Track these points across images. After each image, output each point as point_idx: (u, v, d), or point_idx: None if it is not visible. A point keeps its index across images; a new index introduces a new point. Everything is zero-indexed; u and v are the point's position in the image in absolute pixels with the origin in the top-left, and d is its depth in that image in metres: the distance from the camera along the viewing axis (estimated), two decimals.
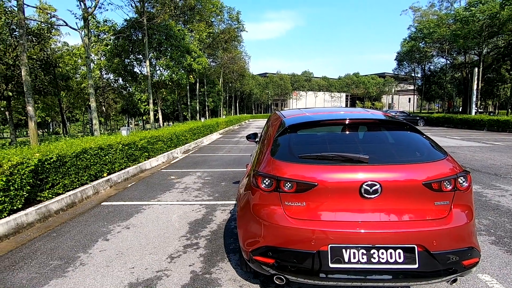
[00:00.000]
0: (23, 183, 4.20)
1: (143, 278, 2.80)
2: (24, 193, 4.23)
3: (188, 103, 29.75)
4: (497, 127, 20.05)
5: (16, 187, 4.07)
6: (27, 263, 3.16)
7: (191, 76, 21.22)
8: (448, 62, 39.87)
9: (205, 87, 34.68)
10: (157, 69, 20.10)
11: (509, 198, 5.04)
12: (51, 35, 18.36)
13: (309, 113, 2.90)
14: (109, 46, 19.25)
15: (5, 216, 3.93)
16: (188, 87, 26.35)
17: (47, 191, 4.77)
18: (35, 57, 16.10)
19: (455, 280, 2.08)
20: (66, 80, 21.82)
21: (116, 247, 3.47)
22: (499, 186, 5.78)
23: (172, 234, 3.82)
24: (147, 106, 19.40)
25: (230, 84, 47.84)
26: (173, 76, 18.80)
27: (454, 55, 38.56)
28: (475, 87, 25.86)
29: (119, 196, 5.67)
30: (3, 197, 3.89)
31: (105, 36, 18.66)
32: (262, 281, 2.71)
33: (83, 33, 11.32)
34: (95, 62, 25.29)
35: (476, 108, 27.17)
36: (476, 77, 25.94)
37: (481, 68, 28.83)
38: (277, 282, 2.19)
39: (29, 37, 15.57)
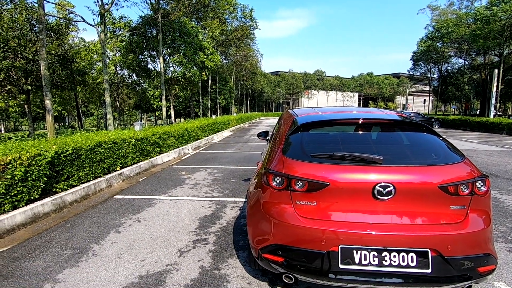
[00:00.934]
0: (40, 174, 4.33)
1: (153, 271, 2.85)
2: (41, 184, 4.36)
3: (200, 100, 29.97)
4: None
5: (34, 177, 4.21)
6: (43, 251, 3.26)
7: (204, 73, 21.35)
8: (467, 63, 38.65)
9: (217, 84, 34.84)
10: (170, 65, 20.32)
11: None
12: (69, 31, 18.82)
13: (322, 112, 2.87)
14: (124, 42, 19.58)
15: (23, 206, 4.07)
16: (200, 84, 26.55)
17: (63, 182, 4.90)
18: (53, 52, 16.54)
19: (469, 287, 2.03)
20: (83, 75, 22.34)
21: (128, 240, 3.54)
22: None
23: (182, 229, 3.86)
24: (159, 102, 19.64)
25: (242, 82, 47.91)
26: (186, 73, 18.97)
27: (473, 55, 37.34)
28: (494, 89, 24.98)
29: (131, 190, 5.78)
30: (21, 187, 4.02)
31: (120, 32, 18.98)
32: (270, 279, 2.71)
33: (99, 29, 11.55)
34: (110, 58, 25.78)
35: (494, 111, 26.26)
36: (495, 79, 25.04)
37: (501, 70, 27.80)
38: (286, 281, 2.19)
39: (48, 32, 16.00)
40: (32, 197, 4.23)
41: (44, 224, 4.07)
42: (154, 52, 19.68)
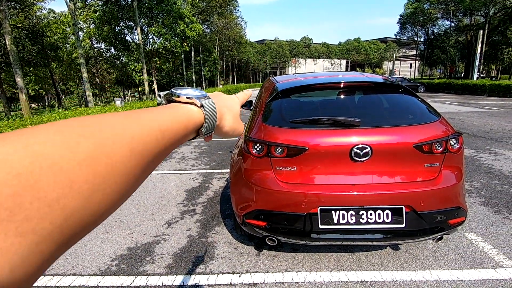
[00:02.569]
0: None
1: (142, 243, 2.90)
2: None
3: (184, 72, 29.04)
4: (498, 92, 19.79)
5: None
6: None
7: (185, 44, 20.45)
8: (453, 24, 38.31)
9: (201, 55, 33.62)
10: (149, 37, 19.32)
11: (503, 161, 5.10)
12: (34, 1, 17.33)
13: (302, 78, 2.81)
14: (97, 13, 18.29)
15: None
16: (183, 55, 25.54)
17: None
18: (20, 25, 15.34)
19: (440, 238, 2.16)
20: (56, 50, 21.03)
21: (115, 215, 3.56)
22: (494, 150, 5.82)
23: (169, 202, 3.90)
24: (141, 77, 18.91)
25: (226, 52, 46.33)
26: (167, 44, 18.13)
27: (460, 17, 36.94)
28: (478, 50, 25.09)
29: None
30: None
31: (92, 1, 17.66)
32: (256, 243, 2.81)
33: None
34: (84, 31, 24.20)
35: (478, 73, 26.62)
36: (480, 40, 25.05)
37: (486, 31, 27.77)
38: (270, 243, 2.28)
39: (11, 3, 14.72)
40: None
41: None
42: (131, 23, 18.56)
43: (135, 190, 0.28)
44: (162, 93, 8.60)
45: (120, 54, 23.57)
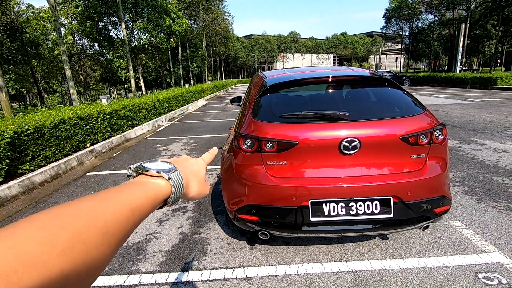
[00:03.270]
0: (1, 156, 4.07)
1: (133, 242, 2.88)
2: (3, 166, 4.12)
3: (171, 69, 28.57)
4: (479, 84, 20.39)
5: None
6: None
7: (172, 40, 20.10)
8: (436, 18, 39.08)
9: (188, 51, 33.13)
10: (134, 33, 18.88)
11: (484, 151, 5.28)
12: None
13: (291, 73, 2.83)
14: (79, 8, 17.72)
15: None
16: (169, 51, 25.10)
17: (28, 163, 4.65)
18: None
19: (427, 227, 2.24)
20: (36, 47, 20.29)
21: None
22: (476, 141, 6.03)
23: None
24: (127, 74, 18.49)
25: (214, 48, 45.82)
26: (152, 39, 17.75)
27: (443, 11, 37.73)
28: (461, 44, 25.74)
29: (105, 166, 5.62)
30: None
31: None
32: (248, 238, 2.84)
33: None
34: (66, 27, 23.42)
35: (460, 66, 27.33)
36: (462, 34, 25.70)
37: (468, 24, 28.45)
38: (262, 238, 2.30)
39: None
40: None
41: (13, 207, 3.91)
42: (115, 18, 18.07)
43: (107, 265, 0.32)
44: (133, 166, 8.48)
45: (104, 50, 22.93)
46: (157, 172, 0.45)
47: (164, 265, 2.49)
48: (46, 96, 39.91)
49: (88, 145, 6.30)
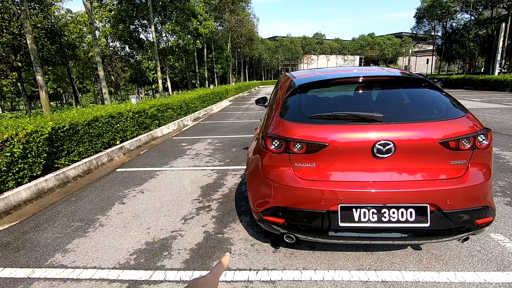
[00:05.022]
0: (40, 150, 4.33)
1: (159, 238, 2.93)
2: (42, 160, 4.37)
3: (196, 70, 29.21)
4: None
5: (34, 154, 4.20)
6: (51, 224, 3.35)
7: (198, 41, 20.56)
8: (473, 18, 36.85)
9: (213, 53, 33.71)
10: (163, 35, 19.50)
11: None
12: (53, 1, 17.80)
13: (320, 73, 2.75)
14: (113, 12, 18.62)
15: (26, 182, 4.11)
16: (195, 53, 25.69)
17: (63, 158, 4.92)
18: (39, 25, 15.79)
19: (466, 239, 2.07)
20: (73, 49, 21.54)
21: (132, 210, 3.61)
22: None
23: (185, 198, 3.93)
24: (155, 75, 19.13)
25: (238, 50, 46.30)
26: (180, 41, 18.26)
27: (480, 9, 35.51)
28: (500, 44, 24.06)
29: (133, 163, 5.82)
30: (22, 164, 4.03)
31: (108, 0, 17.97)
32: (272, 240, 2.79)
33: None
34: (100, 29, 24.70)
35: (500, 68, 25.55)
36: (502, 34, 24.02)
37: (509, 23, 26.55)
38: (287, 241, 2.24)
39: (31, 4, 15.16)
40: (35, 173, 4.27)
41: (49, 199, 4.14)
42: (145, 21, 18.79)
43: None
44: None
45: (134, 52, 23.94)
46: None
47: (188, 263, 2.51)
48: (80, 95, 42.31)
49: (117, 142, 6.56)
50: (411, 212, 1.91)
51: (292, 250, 2.63)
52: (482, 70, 40.62)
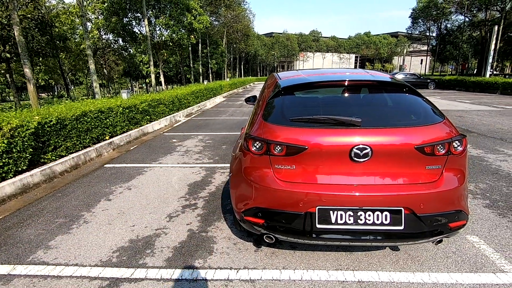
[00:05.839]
0: (25, 145, 4.28)
1: (143, 235, 2.95)
2: (27, 155, 4.33)
3: (191, 65, 28.98)
4: (510, 90, 19.27)
5: (19, 149, 4.16)
6: (34, 220, 3.33)
7: (192, 36, 20.35)
8: (467, 19, 37.23)
9: (208, 48, 33.45)
10: (157, 29, 19.26)
11: (511, 163, 4.99)
12: None
13: (306, 75, 2.77)
14: (105, 4, 18.30)
15: (11, 177, 4.07)
16: (190, 48, 25.46)
17: (50, 153, 4.87)
18: (29, 16, 15.45)
19: (440, 241, 2.14)
20: (64, 41, 21.14)
21: (118, 207, 3.61)
22: (503, 151, 5.70)
23: (171, 195, 3.94)
24: (148, 68, 18.94)
25: (234, 45, 46.00)
26: (174, 36, 18.07)
27: (474, 11, 35.88)
28: (492, 47, 24.39)
29: (122, 159, 5.79)
30: (6, 159, 3.99)
31: None
32: (255, 239, 2.83)
33: None
34: (92, 22, 24.27)
35: (491, 70, 25.92)
36: (495, 36, 24.33)
37: (501, 26, 26.90)
38: (267, 241, 2.29)
39: None
40: (20, 168, 4.22)
41: (35, 194, 4.11)
42: (139, 14, 18.52)
43: None
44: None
45: (127, 45, 23.61)
46: None
47: (170, 261, 2.53)
48: (72, 87, 41.63)
49: (107, 137, 6.51)
50: (386, 215, 1.97)
51: (273, 250, 2.67)
52: (474, 72, 41.17)
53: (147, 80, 41.32)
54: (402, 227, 1.96)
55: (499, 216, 3.19)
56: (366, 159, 1.97)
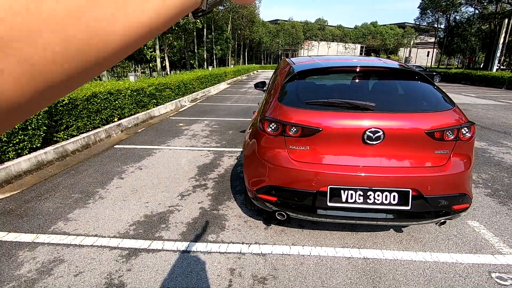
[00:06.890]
0: (39, 123, 4.38)
1: (157, 212, 3.08)
2: (41, 132, 4.43)
3: (196, 50, 28.72)
4: None
5: (33, 126, 4.26)
6: (52, 195, 3.47)
7: (198, 21, 20.10)
8: (477, 11, 36.47)
9: (213, 33, 33.04)
10: None
11: None
12: None
13: (319, 60, 2.83)
14: None
15: (26, 154, 4.19)
16: (195, 33, 25.18)
17: (62, 132, 4.98)
18: None
19: (443, 223, 2.26)
20: None
21: (131, 185, 3.74)
22: (506, 144, 5.78)
23: (182, 176, 4.06)
24: (153, 53, 18.80)
25: (239, 31, 45.34)
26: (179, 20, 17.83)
27: (485, 3, 35.08)
28: (501, 40, 24.02)
29: (131, 140, 5.89)
30: (22, 136, 4.09)
31: None
32: (265, 218, 2.96)
33: None
34: None
35: (498, 65, 25.64)
36: (504, 30, 23.93)
37: (511, 20, 26.38)
38: (279, 218, 2.41)
39: None
40: (34, 146, 4.34)
41: (49, 171, 4.24)
42: None
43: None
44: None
45: None
46: None
47: (185, 235, 2.67)
48: None
49: (115, 119, 6.60)
50: (394, 196, 2.07)
51: (282, 228, 2.80)
52: (481, 66, 40.65)
53: (150, 64, 40.98)
54: (409, 207, 2.07)
55: (499, 204, 3.30)
56: (378, 142, 2.06)
